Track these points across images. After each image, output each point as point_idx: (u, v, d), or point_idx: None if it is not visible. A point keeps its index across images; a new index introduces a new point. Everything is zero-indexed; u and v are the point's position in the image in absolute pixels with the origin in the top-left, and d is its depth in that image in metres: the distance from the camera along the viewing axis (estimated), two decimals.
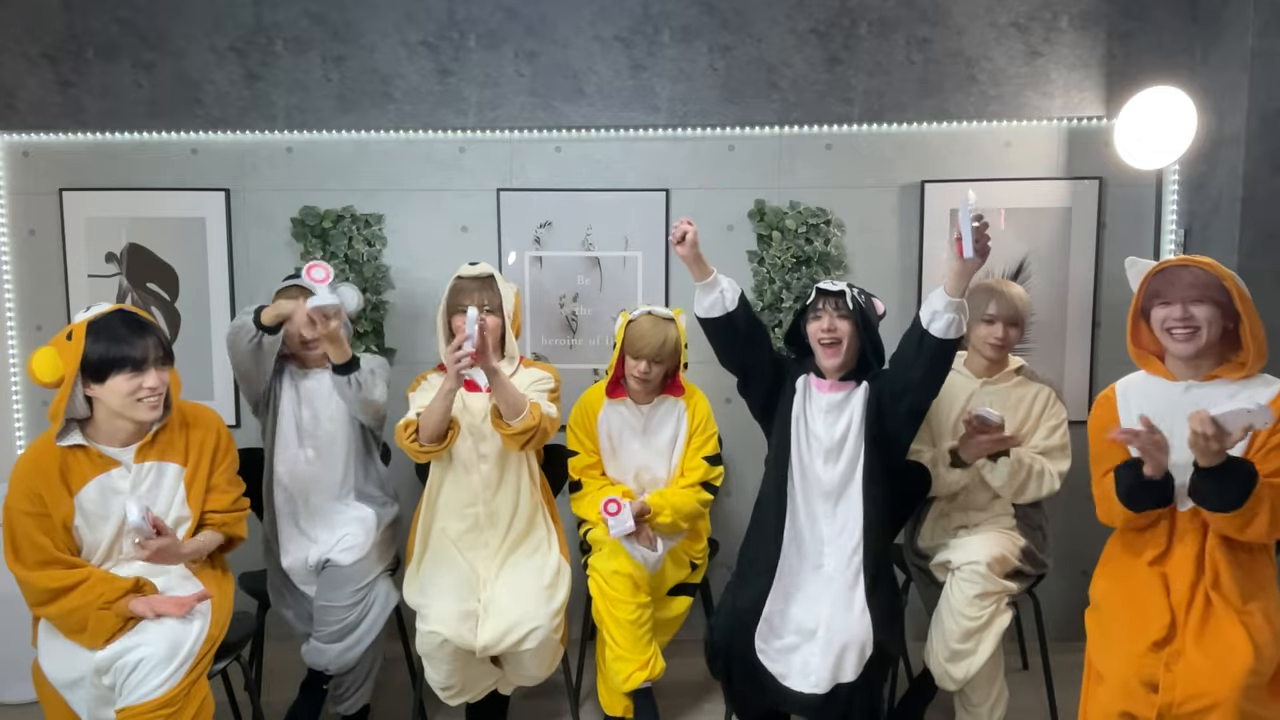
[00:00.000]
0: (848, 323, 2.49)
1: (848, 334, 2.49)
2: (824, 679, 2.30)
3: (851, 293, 2.50)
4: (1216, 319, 2.11)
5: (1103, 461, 2.29)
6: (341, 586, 2.59)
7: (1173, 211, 3.26)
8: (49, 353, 2.16)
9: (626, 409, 2.88)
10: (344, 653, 2.59)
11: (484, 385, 2.73)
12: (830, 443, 2.50)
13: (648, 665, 2.67)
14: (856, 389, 2.53)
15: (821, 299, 2.52)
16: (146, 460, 2.27)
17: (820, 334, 2.50)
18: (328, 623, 2.58)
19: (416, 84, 3.28)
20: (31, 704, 2.54)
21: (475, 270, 2.77)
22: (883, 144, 3.29)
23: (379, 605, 2.65)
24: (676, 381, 2.88)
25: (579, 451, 2.88)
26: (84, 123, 3.28)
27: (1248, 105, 2.91)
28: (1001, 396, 2.76)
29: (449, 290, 2.77)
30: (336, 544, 2.65)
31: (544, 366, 2.88)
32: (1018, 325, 2.74)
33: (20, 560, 2.17)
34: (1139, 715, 2.03)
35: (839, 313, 2.49)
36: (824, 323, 2.49)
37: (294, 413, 2.76)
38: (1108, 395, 2.33)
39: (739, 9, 3.24)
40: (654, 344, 2.73)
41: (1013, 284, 2.80)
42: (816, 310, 2.52)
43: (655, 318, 2.78)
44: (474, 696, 2.65)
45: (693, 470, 2.87)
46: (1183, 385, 2.18)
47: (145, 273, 3.33)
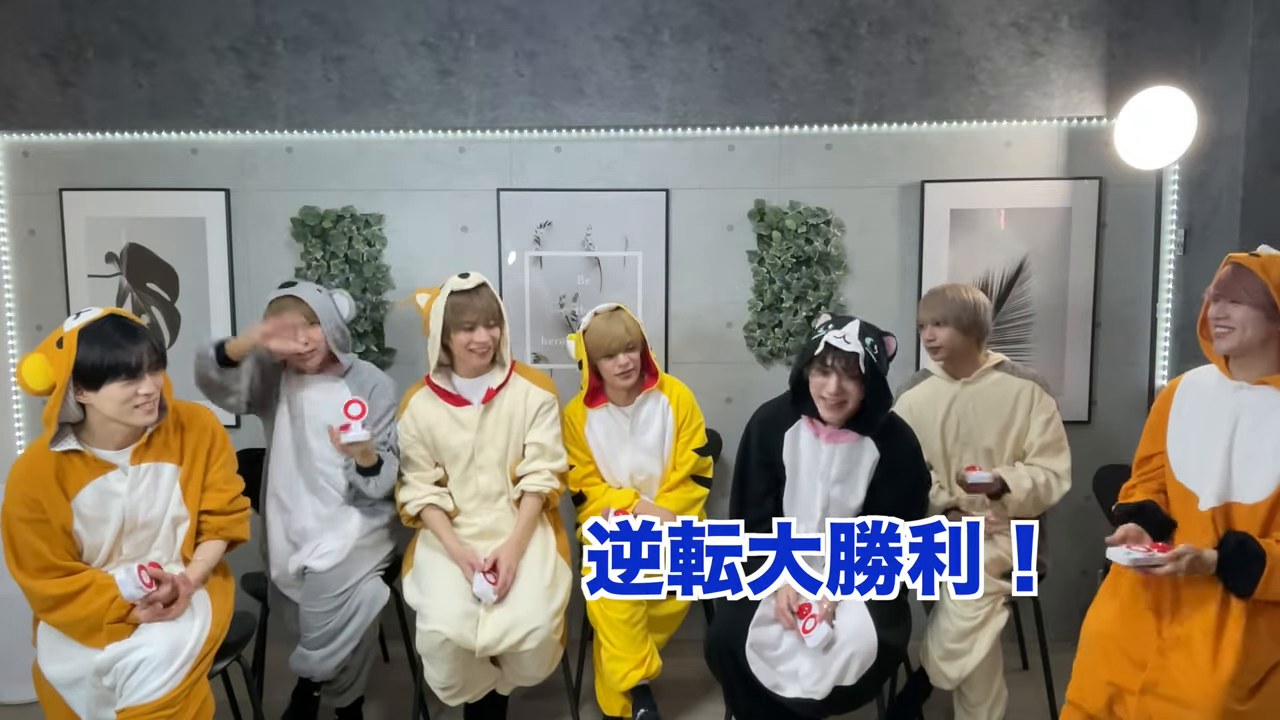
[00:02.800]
0: (855, 383, 2.36)
1: (854, 395, 2.38)
2: (824, 685, 2.28)
3: (865, 352, 2.32)
4: (1257, 321, 2.06)
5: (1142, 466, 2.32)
6: (319, 593, 2.58)
7: (1173, 211, 3.26)
8: (38, 360, 2.11)
9: (609, 414, 2.87)
10: (326, 659, 2.57)
11: (476, 400, 2.76)
12: (826, 499, 2.47)
13: (644, 663, 2.68)
14: (862, 445, 2.46)
15: (831, 355, 2.34)
16: (143, 462, 2.26)
17: (825, 394, 2.37)
18: (310, 629, 2.58)
19: (416, 84, 3.27)
20: (31, 704, 2.53)
21: (467, 283, 2.69)
22: (883, 144, 3.29)
23: (364, 608, 2.60)
24: (650, 363, 2.86)
25: (574, 464, 2.88)
26: (84, 123, 3.28)
27: (1248, 105, 2.91)
28: (982, 395, 2.76)
29: (447, 307, 2.67)
30: (313, 551, 2.64)
31: (543, 380, 2.87)
32: (945, 324, 2.71)
33: (22, 567, 2.16)
34: (1124, 685, 2.05)
35: (849, 374, 2.35)
36: (831, 384, 2.35)
37: (290, 424, 2.76)
38: (1170, 388, 2.31)
39: (739, 9, 3.24)
40: (618, 335, 2.73)
41: (957, 286, 2.78)
42: (825, 365, 2.36)
43: (603, 314, 2.79)
44: (473, 696, 2.66)
45: (683, 464, 2.88)
46: (1234, 385, 2.15)
47: (145, 273, 3.33)
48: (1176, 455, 2.22)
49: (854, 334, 2.34)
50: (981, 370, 2.78)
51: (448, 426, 2.74)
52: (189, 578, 2.25)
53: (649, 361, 2.86)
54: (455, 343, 2.70)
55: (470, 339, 2.68)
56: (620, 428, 2.86)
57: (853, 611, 2.33)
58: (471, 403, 2.76)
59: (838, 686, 2.28)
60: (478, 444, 2.75)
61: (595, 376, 2.84)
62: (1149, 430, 2.32)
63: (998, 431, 2.74)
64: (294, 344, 2.61)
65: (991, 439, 2.75)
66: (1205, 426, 2.15)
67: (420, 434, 2.75)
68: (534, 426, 2.79)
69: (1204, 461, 2.13)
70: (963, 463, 2.77)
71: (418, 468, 2.76)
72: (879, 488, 2.46)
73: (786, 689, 2.32)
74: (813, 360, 2.39)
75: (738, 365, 3.40)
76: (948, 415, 2.77)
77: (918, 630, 2.56)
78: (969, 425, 2.76)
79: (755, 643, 2.35)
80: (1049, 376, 2.97)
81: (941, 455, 2.80)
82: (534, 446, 2.78)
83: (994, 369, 2.78)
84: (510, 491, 2.79)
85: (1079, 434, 3.13)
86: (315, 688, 2.74)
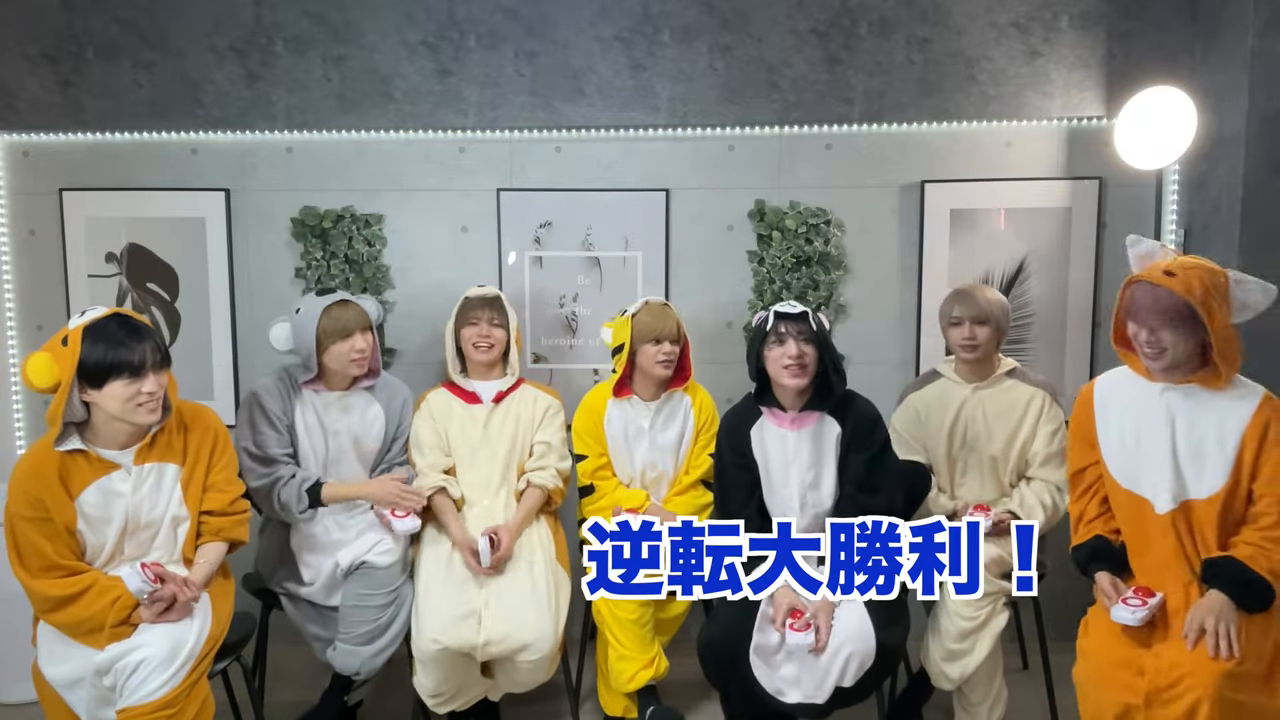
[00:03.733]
0: (810, 345, 2.43)
1: (813, 358, 2.44)
2: (825, 688, 2.28)
3: (811, 312, 2.45)
4: (1186, 338, 2.07)
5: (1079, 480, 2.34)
6: (376, 588, 2.58)
7: (1173, 211, 3.26)
8: (44, 358, 2.12)
9: (633, 407, 2.89)
10: (376, 655, 2.58)
11: (487, 399, 2.86)
12: (802, 487, 2.49)
13: (652, 664, 2.69)
14: (824, 424, 2.50)
15: (782, 323, 2.44)
16: (146, 462, 2.26)
17: (786, 360, 2.42)
18: (359, 624, 2.56)
19: (416, 84, 3.27)
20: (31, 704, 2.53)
21: (482, 292, 2.89)
22: (883, 144, 3.29)
23: (406, 606, 2.64)
24: (687, 361, 2.91)
25: (587, 455, 2.89)
26: (84, 123, 3.28)
27: (1248, 105, 2.91)
28: (993, 401, 2.75)
29: (459, 307, 2.88)
30: (373, 548, 2.62)
31: (550, 392, 2.99)
32: (986, 324, 2.71)
33: (25, 567, 2.16)
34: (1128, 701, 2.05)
35: (803, 337, 2.43)
36: (790, 349, 2.42)
37: (313, 438, 2.74)
38: (1086, 396, 2.32)
39: (739, 9, 3.24)
40: (668, 324, 2.81)
41: (984, 287, 2.79)
42: (779, 334, 2.45)
43: (655, 305, 2.86)
44: (462, 705, 2.66)
45: (696, 468, 2.90)
46: (1159, 387, 2.17)
47: (145, 273, 3.33)
48: (1117, 464, 2.22)
49: (795, 302, 2.49)
50: (996, 376, 2.78)
51: (459, 421, 2.86)
52: (193, 580, 2.25)
53: (686, 362, 2.91)
54: (463, 339, 2.86)
55: (474, 333, 2.83)
56: (640, 421, 2.88)
57: (852, 612, 2.33)
58: (483, 400, 2.88)
59: (838, 688, 2.28)
60: (485, 438, 2.84)
61: (629, 365, 2.85)
62: (1077, 441, 2.33)
63: (1005, 438, 2.73)
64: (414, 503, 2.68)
65: (998, 447, 2.74)
66: (1141, 432, 2.16)
67: (434, 422, 2.86)
68: (542, 427, 2.91)
69: (1150, 466, 2.14)
70: (969, 468, 2.77)
71: (430, 453, 2.82)
72: (845, 460, 2.49)
73: (788, 694, 2.32)
74: (765, 337, 2.47)
75: (738, 365, 3.37)
76: (956, 419, 2.76)
77: (918, 630, 2.56)
78: (976, 431, 2.75)
79: (759, 646, 2.35)
80: (1049, 376, 2.97)
81: (946, 459, 2.79)
82: (542, 445, 2.89)
83: (1006, 375, 2.78)
84: (514, 486, 2.86)
85: None
86: (347, 689, 2.73)
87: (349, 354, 2.66)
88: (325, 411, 2.74)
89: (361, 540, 2.65)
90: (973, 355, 2.75)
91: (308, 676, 2.95)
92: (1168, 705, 1.98)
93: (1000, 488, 2.79)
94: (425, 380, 3.20)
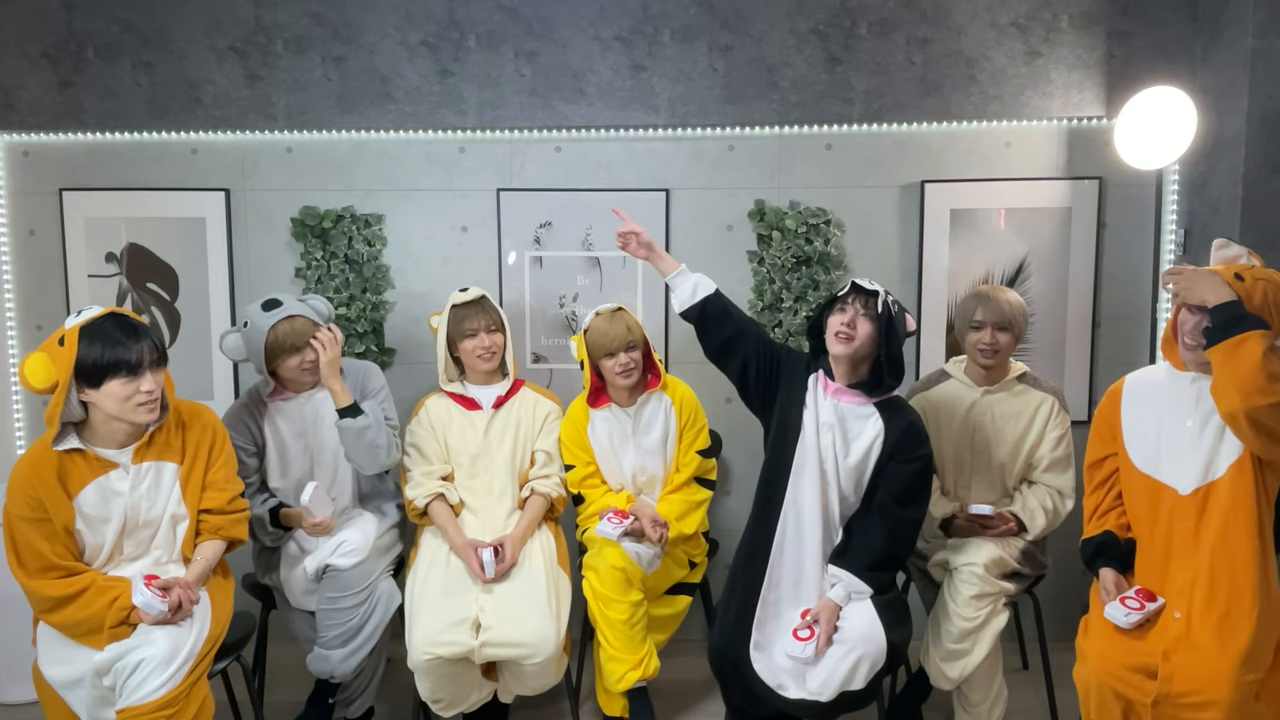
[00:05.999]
0: (870, 324, 2.38)
1: (866, 335, 2.37)
2: (831, 687, 2.27)
3: (885, 297, 2.39)
4: None
5: (1096, 471, 2.37)
6: (343, 590, 2.58)
7: (1173, 211, 3.26)
8: (41, 359, 2.12)
9: (612, 414, 2.87)
10: (348, 657, 2.57)
11: (487, 405, 2.86)
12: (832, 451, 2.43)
13: (641, 665, 2.67)
14: (865, 411, 2.44)
15: (853, 294, 2.41)
16: (144, 461, 2.26)
17: (838, 326, 2.39)
18: (331, 627, 2.57)
19: (416, 84, 3.27)
20: (31, 704, 2.54)
21: (467, 295, 2.83)
22: (883, 144, 3.29)
23: (381, 607, 2.64)
24: (653, 363, 2.87)
25: (574, 465, 2.88)
26: (84, 123, 3.28)
27: (1248, 105, 2.91)
28: (1002, 405, 2.74)
29: (450, 319, 2.83)
30: (335, 550, 2.62)
31: (549, 395, 2.98)
32: (1008, 330, 2.68)
33: (23, 567, 2.17)
34: (1135, 699, 2.05)
35: (865, 312, 2.38)
36: (846, 316, 2.38)
37: (291, 448, 2.75)
38: (1116, 388, 2.37)
39: (739, 9, 3.24)
40: (619, 334, 2.75)
41: (1005, 289, 2.76)
42: (844, 303, 2.41)
43: (605, 314, 2.81)
44: (467, 707, 2.65)
45: (686, 466, 2.88)
46: (1190, 376, 2.22)
47: (145, 273, 3.33)
48: (1140, 453, 2.27)
49: (879, 284, 2.43)
50: (1006, 380, 2.76)
51: (459, 427, 2.84)
52: (189, 580, 2.25)
53: (652, 362, 2.87)
54: (463, 351, 2.82)
55: (476, 345, 2.80)
56: (623, 428, 2.86)
57: (862, 613, 2.33)
58: (482, 407, 2.86)
59: (844, 691, 2.28)
60: (486, 445, 2.83)
61: (597, 377, 2.84)
62: (1099, 433, 2.39)
63: (1013, 443, 2.72)
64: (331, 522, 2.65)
65: (1005, 453, 2.72)
66: (1170, 419, 2.22)
67: (433, 430, 2.85)
68: (543, 435, 2.90)
69: (1177, 452, 2.19)
70: (975, 471, 2.76)
71: (428, 461, 2.81)
72: (885, 466, 2.42)
73: (790, 689, 2.31)
74: (834, 302, 2.45)
75: None
76: (964, 422, 2.75)
77: (917, 630, 2.56)
78: (985, 435, 2.74)
79: (759, 642, 2.35)
80: (1049, 376, 2.97)
81: (952, 461, 2.78)
82: (544, 454, 2.88)
83: (1017, 380, 2.77)
84: (515, 493, 2.84)
85: (1079, 434, 3.10)
86: (331, 692, 2.73)
87: (301, 365, 2.66)
88: (296, 417, 2.74)
89: (325, 544, 2.64)
90: (991, 361, 2.71)
91: (307, 676, 2.95)
92: (1180, 710, 1.99)
93: (1004, 491, 2.78)
94: (425, 380, 3.21)
